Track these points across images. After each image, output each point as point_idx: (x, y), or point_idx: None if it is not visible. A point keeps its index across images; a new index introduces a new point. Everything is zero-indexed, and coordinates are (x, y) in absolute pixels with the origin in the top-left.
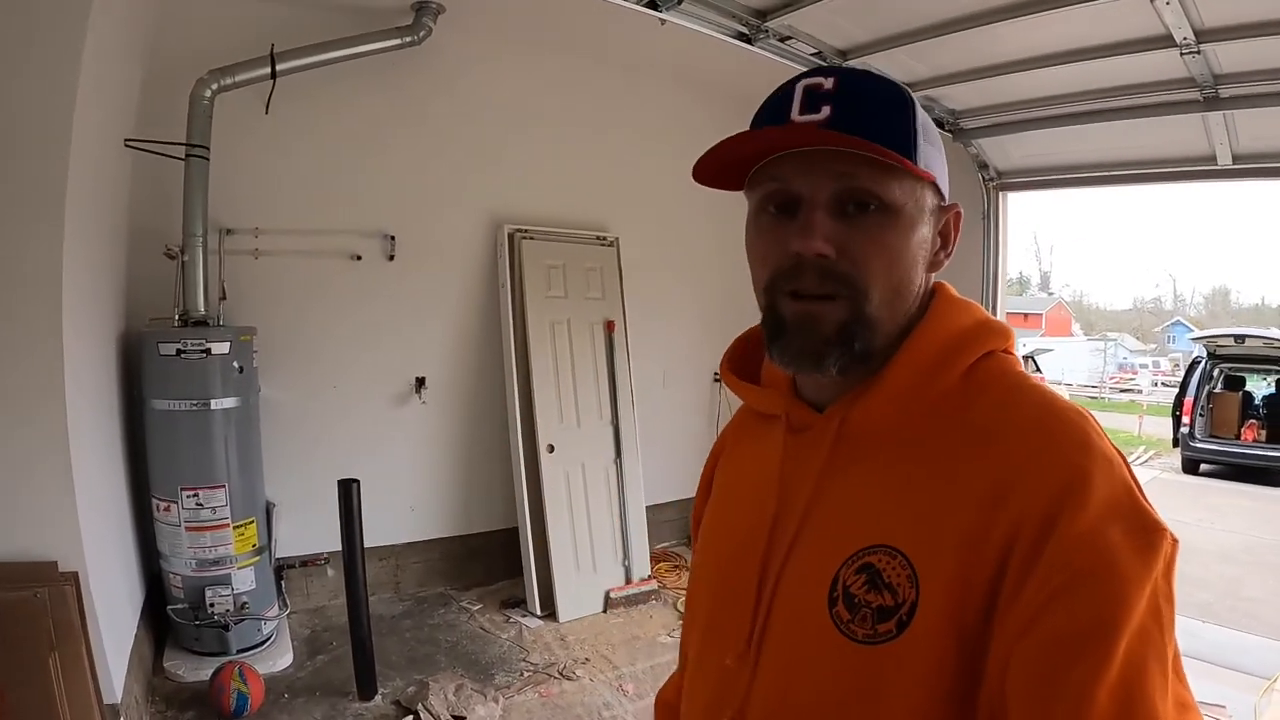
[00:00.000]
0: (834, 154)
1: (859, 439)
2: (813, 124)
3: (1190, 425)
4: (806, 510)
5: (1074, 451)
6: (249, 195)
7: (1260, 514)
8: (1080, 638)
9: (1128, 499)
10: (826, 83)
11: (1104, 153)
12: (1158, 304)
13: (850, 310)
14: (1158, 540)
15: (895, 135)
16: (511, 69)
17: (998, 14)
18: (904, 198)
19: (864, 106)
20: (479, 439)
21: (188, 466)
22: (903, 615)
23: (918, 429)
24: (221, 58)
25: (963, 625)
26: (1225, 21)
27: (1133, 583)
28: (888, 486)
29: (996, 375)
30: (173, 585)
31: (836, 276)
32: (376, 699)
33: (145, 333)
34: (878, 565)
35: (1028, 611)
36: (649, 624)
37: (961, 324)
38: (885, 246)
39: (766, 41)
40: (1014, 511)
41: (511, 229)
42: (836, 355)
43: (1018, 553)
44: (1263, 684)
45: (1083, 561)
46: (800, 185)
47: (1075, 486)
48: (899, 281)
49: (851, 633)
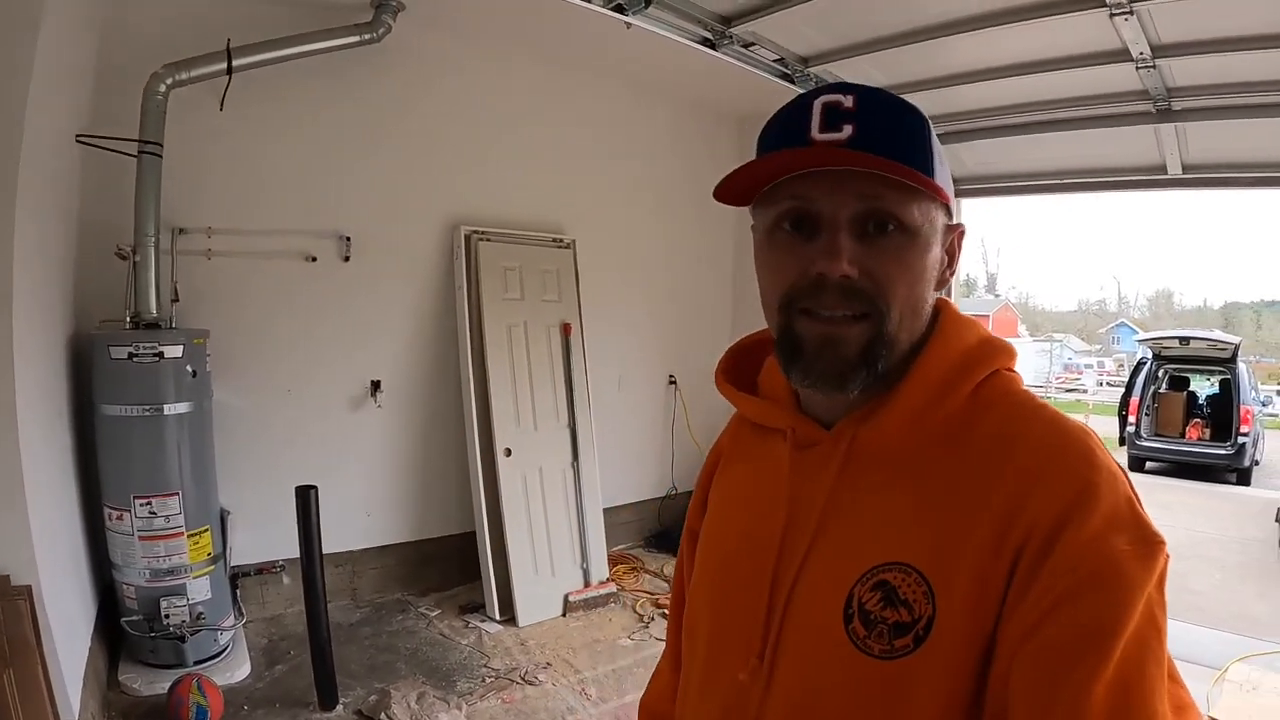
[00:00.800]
0: (858, 174)
1: (869, 457)
2: (836, 143)
3: (1136, 424)
4: (818, 527)
5: (1080, 466)
6: (202, 194)
7: (1203, 510)
8: (1082, 639)
9: (1130, 511)
10: (846, 100)
11: (1058, 161)
12: (1102, 306)
13: (873, 331)
14: (1156, 551)
15: (917, 155)
16: (471, 69)
17: (959, 25)
18: (922, 219)
19: (885, 126)
20: (435, 443)
21: (140, 474)
22: (919, 630)
23: (927, 447)
24: (177, 52)
25: (979, 637)
26: (1181, 37)
27: (1134, 589)
28: (899, 504)
29: (1003, 394)
30: (126, 596)
31: (859, 296)
32: (338, 709)
33: (96, 335)
34: (893, 582)
35: (1032, 616)
36: (609, 627)
37: (968, 343)
38: (905, 267)
39: (730, 47)
40: (1025, 524)
41: (468, 230)
42: (860, 377)
43: (1024, 561)
44: (1214, 674)
45: (1088, 568)
46: (823, 205)
47: (1082, 498)
48: (916, 301)
49: (868, 648)
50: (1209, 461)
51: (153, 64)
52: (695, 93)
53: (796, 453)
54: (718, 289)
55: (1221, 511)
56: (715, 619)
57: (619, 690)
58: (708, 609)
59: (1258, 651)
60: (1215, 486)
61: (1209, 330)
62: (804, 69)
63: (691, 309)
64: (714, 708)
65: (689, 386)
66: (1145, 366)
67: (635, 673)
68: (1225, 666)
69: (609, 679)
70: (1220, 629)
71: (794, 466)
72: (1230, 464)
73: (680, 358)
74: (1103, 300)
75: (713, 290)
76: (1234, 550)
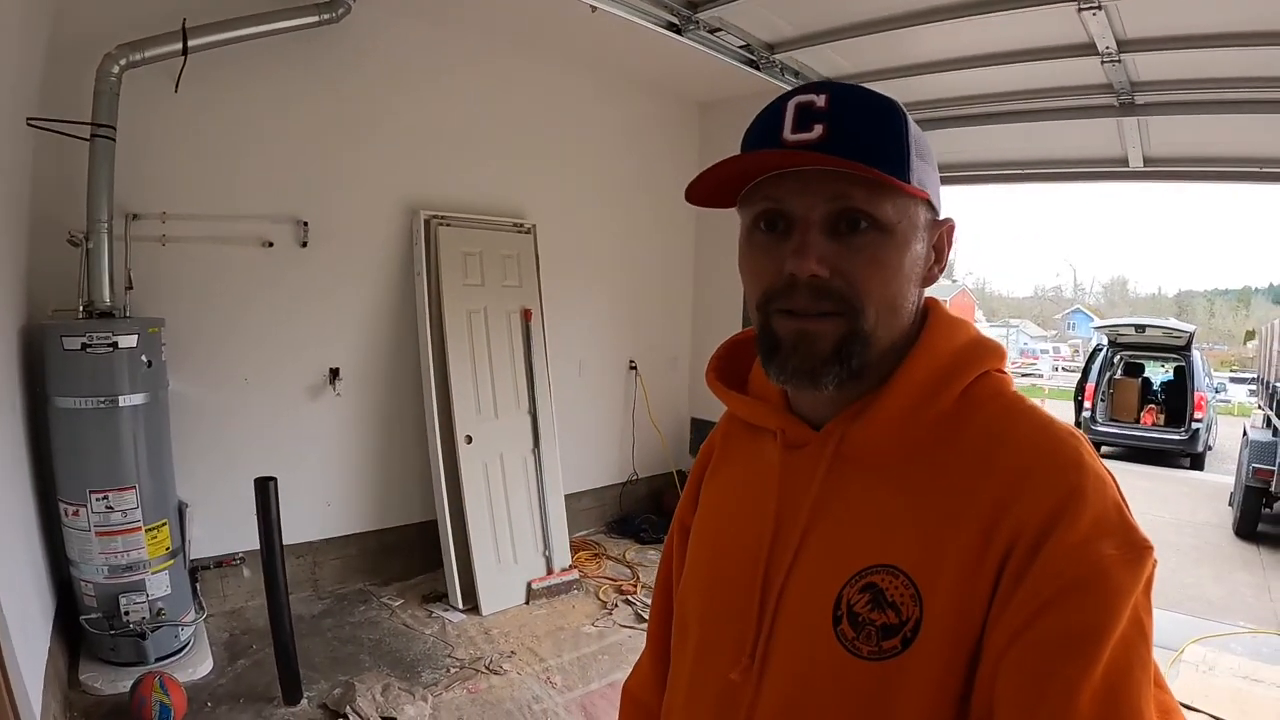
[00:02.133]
0: (827, 174)
1: (857, 458)
2: (806, 143)
3: (1092, 409)
4: (806, 527)
5: (1068, 470)
6: (156, 178)
7: (1157, 494)
8: (1068, 643)
9: (1118, 516)
10: (819, 100)
11: (1021, 151)
12: (1058, 292)
13: (846, 328)
14: (1144, 556)
15: (889, 153)
16: (431, 52)
17: (926, 16)
18: (896, 216)
19: (857, 125)
20: (395, 431)
21: (96, 468)
22: (907, 632)
23: (916, 449)
24: (130, 32)
25: (966, 639)
26: (1147, 33)
27: (1121, 594)
28: (887, 506)
29: (992, 395)
30: (84, 593)
31: (831, 295)
32: (303, 703)
33: (48, 326)
34: (881, 585)
35: (1018, 618)
36: (572, 614)
37: (958, 344)
38: (879, 265)
39: (696, 33)
40: (1011, 527)
41: (428, 215)
42: (834, 373)
43: (1012, 563)
44: (1170, 655)
45: (1074, 572)
46: (793, 205)
47: (1069, 502)
48: (893, 298)
49: (857, 650)
50: (1163, 447)
51: (106, 44)
52: (659, 79)
53: (786, 453)
54: (680, 274)
55: (1175, 496)
56: (705, 617)
57: (584, 678)
58: (698, 608)
59: (1213, 633)
60: (1169, 471)
61: (1164, 318)
62: (770, 55)
63: (653, 294)
64: (704, 706)
65: (650, 372)
66: (1101, 353)
67: (600, 660)
68: (1181, 648)
69: (573, 666)
70: (1176, 611)
71: (784, 467)
72: (1184, 449)
73: (641, 343)
74: (1058, 287)
75: (675, 275)
76: (1188, 534)
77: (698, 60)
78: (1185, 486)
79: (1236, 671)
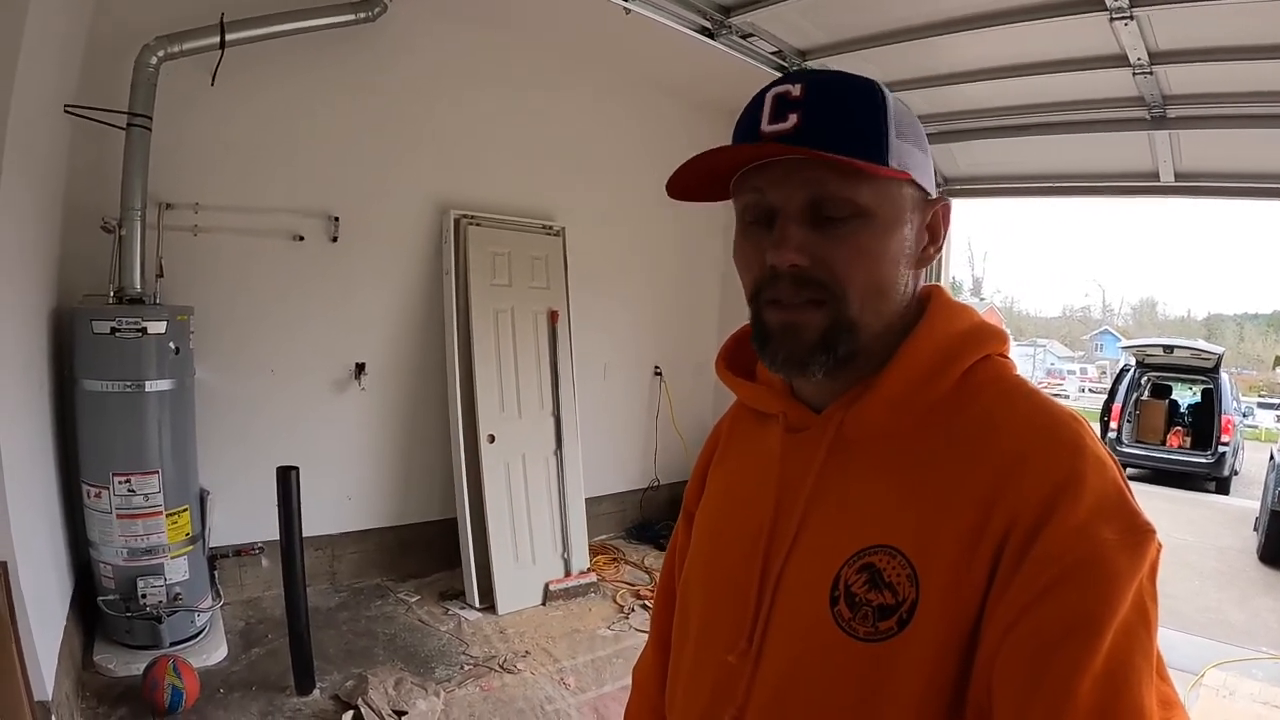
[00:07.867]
0: (803, 163)
1: (857, 441)
2: (780, 134)
3: (1118, 430)
4: (806, 510)
5: (1068, 453)
6: (190, 169)
7: (1181, 516)
8: (1067, 630)
9: (1118, 499)
10: (794, 90)
11: (1050, 164)
12: (1086, 313)
13: (830, 316)
14: (1146, 541)
15: (864, 137)
16: (465, 52)
17: (958, 24)
18: (875, 200)
19: (830, 112)
20: (418, 427)
21: (120, 451)
22: (903, 613)
23: (915, 431)
24: (169, 24)
25: (962, 622)
26: (1180, 45)
27: (1121, 579)
28: (886, 488)
29: (993, 379)
30: (103, 575)
31: (812, 284)
32: (315, 693)
33: (78, 309)
34: (878, 565)
35: (1016, 605)
36: (588, 617)
37: (958, 328)
38: (860, 251)
39: (728, 37)
40: (1008, 510)
41: (458, 214)
42: (820, 361)
43: (1009, 548)
44: (1191, 679)
45: (1073, 557)
46: (774, 196)
47: (1068, 486)
48: (879, 283)
49: (853, 630)
50: (1189, 469)
51: (144, 36)
52: (690, 85)
53: (788, 437)
54: (706, 282)
55: (1200, 519)
56: (707, 602)
57: (598, 680)
58: (700, 592)
59: (1234, 658)
60: (1194, 495)
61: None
62: (801, 62)
63: (679, 301)
64: (703, 689)
65: (675, 378)
66: (1128, 373)
67: (614, 663)
68: (1202, 672)
69: (588, 669)
70: (1197, 635)
71: (785, 451)
72: (1210, 473)
73: (667, 349)
74: (1087, 307)
75: (701, 283)
76: (1211, 557)
77: (728, 67)
78: (1210, 510)
79: (1257, 697)
